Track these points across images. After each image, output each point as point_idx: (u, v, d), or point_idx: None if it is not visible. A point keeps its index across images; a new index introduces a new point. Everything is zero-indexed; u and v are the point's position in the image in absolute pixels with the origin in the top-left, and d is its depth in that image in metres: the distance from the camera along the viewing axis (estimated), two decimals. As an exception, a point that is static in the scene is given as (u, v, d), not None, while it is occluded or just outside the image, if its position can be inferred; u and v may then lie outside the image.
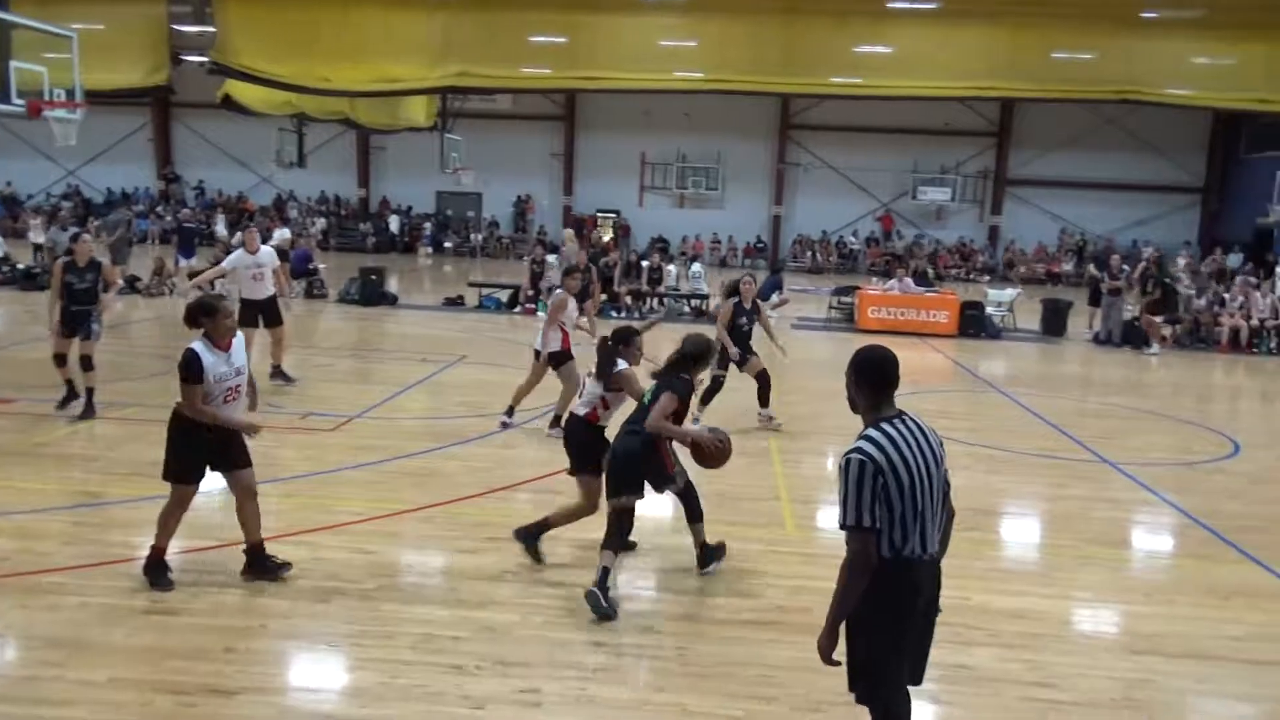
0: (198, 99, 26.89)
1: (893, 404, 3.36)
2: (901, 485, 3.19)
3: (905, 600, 3.29)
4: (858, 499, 3.17)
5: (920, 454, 3.27)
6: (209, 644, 4.83)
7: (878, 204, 35.83)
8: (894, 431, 3.26)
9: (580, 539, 6.46)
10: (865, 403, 3.38)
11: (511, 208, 36.91)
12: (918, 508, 3.23)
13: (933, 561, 3.37)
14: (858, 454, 3.20)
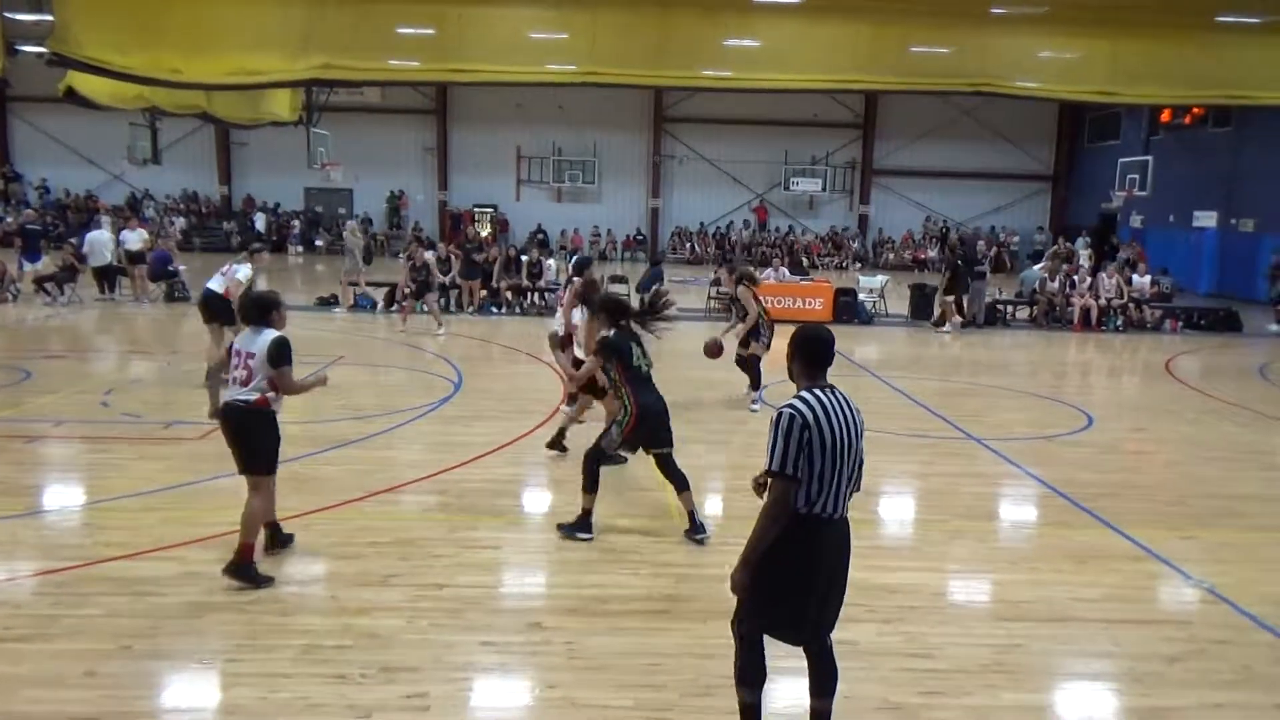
0: (38, 92, 25.25)
1: (825, 377, 3.74)
2: (824, 444, 3.53)
3: (810, 552, 3.60)
4: (784, 449, 3.50)
5: (844, 422, 3.63)
6: (67, 670, 4.54)
7: (752, 195, 36.53)
8: (824, 397, 3.63)
9: (465, 537, 6.37)
10: (800, 372, 3.75)
11: (385, 204, 36.01)
12: (835, 469, 3.57)
13: (841, 521, 3.69)
14: (790, 409, 3.56)
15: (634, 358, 6.42)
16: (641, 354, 6.50)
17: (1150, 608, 5.75)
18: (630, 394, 6.35)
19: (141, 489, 7.28)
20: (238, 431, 5.65)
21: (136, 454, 8.29)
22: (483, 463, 8.21)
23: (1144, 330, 18.98)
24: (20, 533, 6.44)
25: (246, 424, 5.62)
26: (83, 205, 34.13)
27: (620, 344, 6.42)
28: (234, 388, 5.64)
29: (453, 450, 8.50)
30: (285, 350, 5.60)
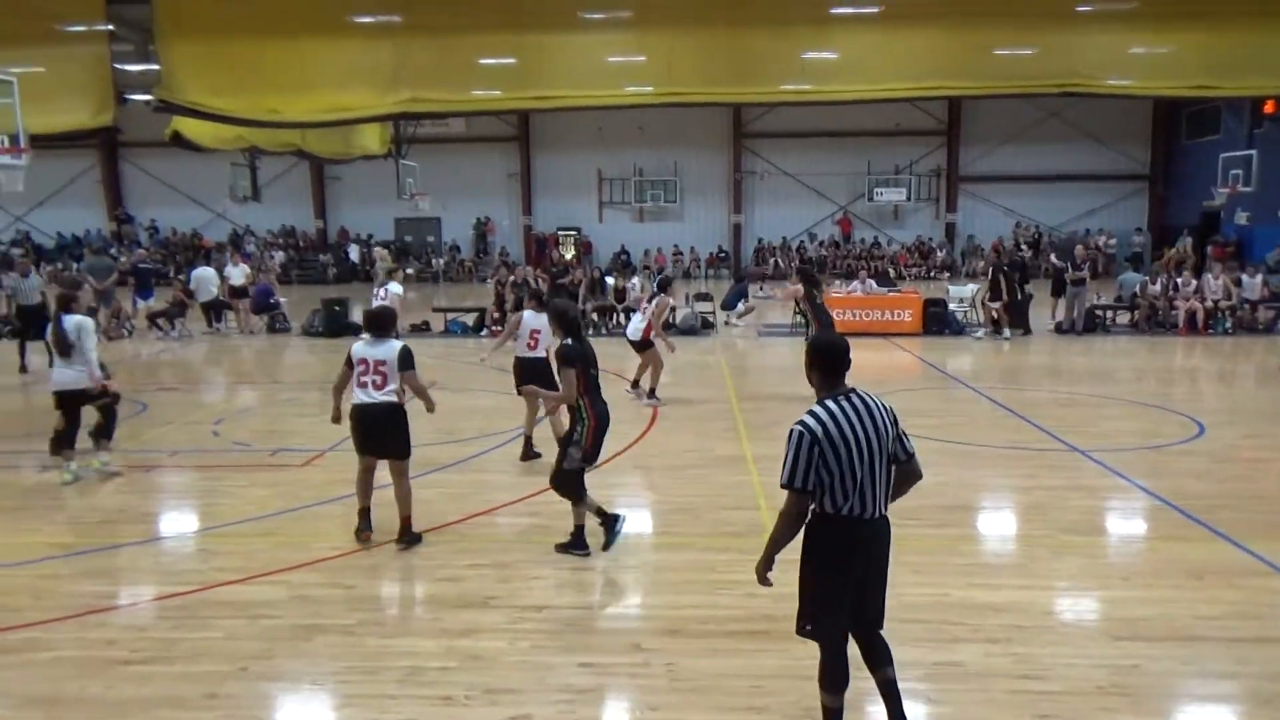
0: (146, 138, 26.54)
1: (842, 383, 3.87)
2: (839, 454, 3.70)
3: (843, 552, 3.82)
4: (794, 463, 3.70)
5: (862, 426, 3.76)
6: (189, 692, 4.73)
7: (835, 207, 36.17)
8: (836, 408, 3.77)
9: (562, 559, 6.44)
10: (818, 381, 3.89)
11: (471, 230, 36.80)
12: (856, 474, 3.73)
13: (875, 519, 3.83)
14: (800, 425, 3.73)
15: (594, 366, 6.45)
16: (593, 363, 6.49)
17: (1277, 625, 5.46)
18: (587, 404, 6.34)
19: (252, 515, 7.56)
20: (384, 425, 6.56)
21: (246, 481, 8.62)
22: (576, 484, 8.27)
23: (1255, 333, 18.11)
24: (141, 559, 6.76)
25: (392, 419, 6.57)
26: (189, 243, 35.77)
27: (585, 352, 6.38)
28: (369, 390, 6.50)
29: (545, 473, 8.55)
30: (412, 355, 6.65)
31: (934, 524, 7.05)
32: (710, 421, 10.77)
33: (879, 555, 3.92)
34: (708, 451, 9.38)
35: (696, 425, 10.58)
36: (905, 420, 4.14)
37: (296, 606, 5.73)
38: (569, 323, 6.42)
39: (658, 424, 10.65)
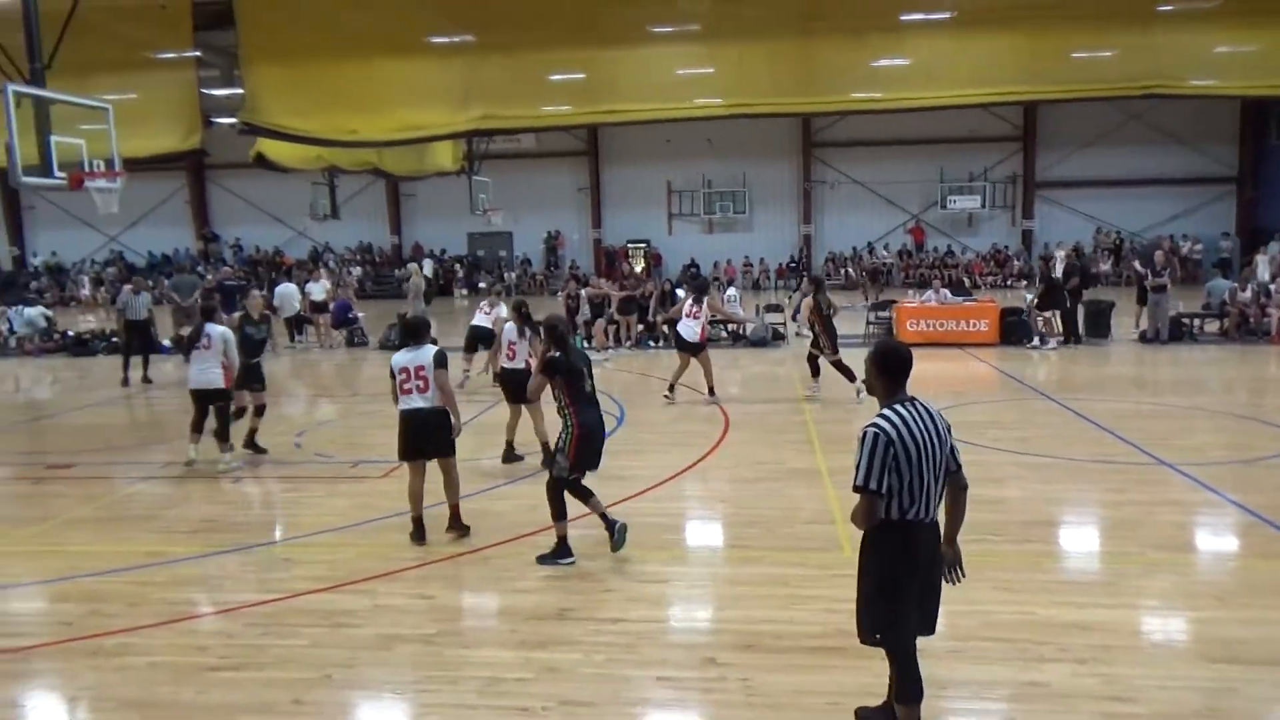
0: (231, 159, 27.48)
1: (905, 390, 3.93)
2: (910, 457, 3.75)
3: (909, 556, 3.86)
4: (869, 465, 3.73)
5: (926, 432, 3.83)
6: (276, 698, 4.86)
7: (907, 216, 35.66)
8: (905, 412, 3.83)
9: (636, 571, 6.45)
10: (882, 388, 3.95)
11: (542, 244, 37.22)
12: (923, 478, 3.79)
13: (933, 525, 3.94)
14: (874, 427, 3.77)
15: (582, 379, 6.63)
16: (588, 375, 6.68)
17: (1386, 649, 5.20)
18: (573, 414, 6.54)
19: (333, 525, 7.75)
20: (431, 427, 7.04)
21: (327, 491, 8.84)
22: (648, 496, 8.31)
23: (1356, 340, 17.29)
24: (229, 566, 6.97)
25: (438, 420, 7.06)
26: (271, 261, 36.89)
27: (570, 364, 6.58)
28: (414, 396, 7.02)
29: (618, 484, 8.62)
30: (446, 357, 7.21)
31: (1016, 540, 6.89)
32: (783, 434, 10.69)
33: (936, 558, 4.00)
34: (781, 464, 9.31)
35: (769, 437, 10.52)
36: (984, 433, 4.18)
37: (378, 616, 5.85)
38: (556, 336, 6.68)
39: (729, 435, 10.62)
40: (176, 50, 16.46)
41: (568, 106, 18.55)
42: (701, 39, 17.56)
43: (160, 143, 17.10)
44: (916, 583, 3.90)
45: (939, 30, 16.89)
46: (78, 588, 6.51)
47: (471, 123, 18.10)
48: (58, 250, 38.18)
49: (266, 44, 16.38)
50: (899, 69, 17.18)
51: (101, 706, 4.87)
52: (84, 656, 5.41)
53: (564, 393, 6.56)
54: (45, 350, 20.55)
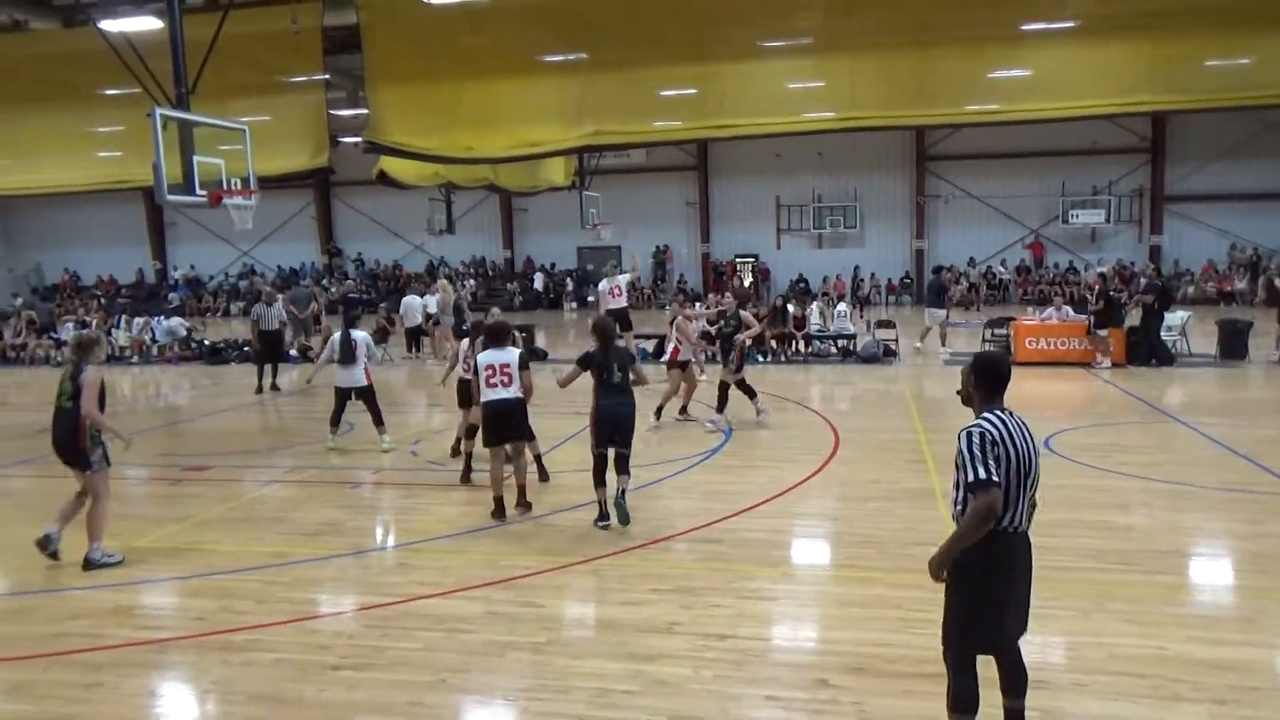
0: (355, 177, 28.58)
1: (1002, 401, 3.94)
2: (1010, 460, 3.76)
3: (1002, 564, 3.85)
4: (982, 459, 3.72)
5: (1025, 442, 3.85)
6: (394, 699, 5.01)
7: (1026, 230, 34.49)
8: (1004, 417, 3.88)
9: (744, 588, 6.41)
10: (979, 399, 3.96)
11: (650, 258, 37.44)
12: (1020, 485, 3.79)
13: (1024, 533, 3.91)
14: (976, 427, 3.81)
15: (609, 371, 7.74)
16: (619, 369, 7.79)
17: None
18: (595, 398, 7.77)
19: (446, 532, 7.96)
20: (513, 416, 8.00)
21: (441, 499, 9.08)
22: (757, 512, 8.25)
23: None
24: (349, 570, 7.23)
25: (519, 410, 8.05)
26: (390, 275, 38.21)
27: (595, 357, 7.78)
28: (499, 389, 7.94)
29: (727, 499, 8.61)
30: (528, 359, 8.18)
31: (1146, 570, 6.56)
32: (895, 453, 10.46)
33: (1029, 568, 3.97)
34: (893, 483, 9.11)
35: (881, 456, 10.31)
36: (1109, 456, 4.09)
37: (489, 623, 5.97)
38: (600, 332, 7.91)
39: (839, 453, 10.46)
40: (307, 74, 17.20)
41: (678, 122, 18.61)
42: (813, 52, 17.39)
43: (290, 162, 17.88)
44: (1009, 592, 3.90)
45: (1061, 39, 16.30)
46: (211, 584, 6.85)
47: (583, 139, 18.34)
48: (195, 264, 40.41)
49: (390, 66, 16.98)
50: (1018, 80, 16.64)
51: (232, 699, 5.10)
52: (215, 650, 5.69)
53: (594, 381, 7.77)
54: (183, 358, 21.76)
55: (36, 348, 22.86)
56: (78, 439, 7.13)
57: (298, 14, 15.53)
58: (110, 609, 6.46)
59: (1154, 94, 16.39)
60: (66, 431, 7.17)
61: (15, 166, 18.55)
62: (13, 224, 41.34)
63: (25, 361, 22.65)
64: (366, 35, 16.71)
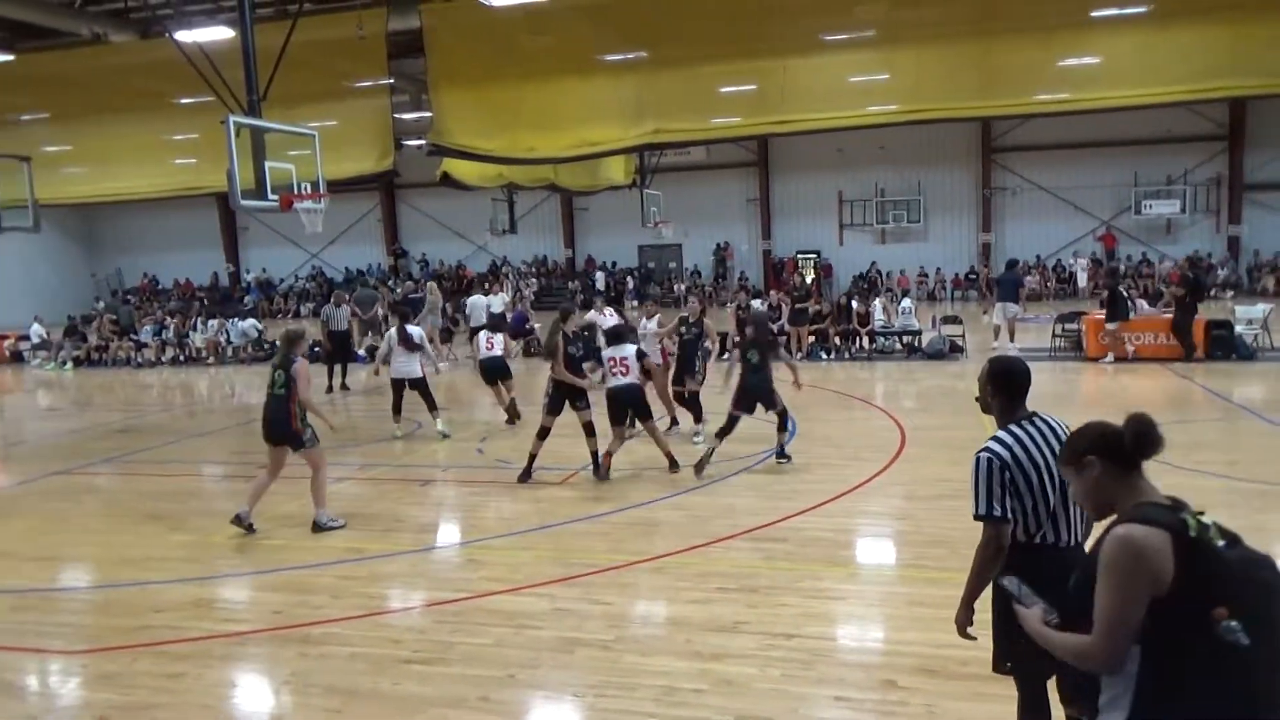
0: (419, 179, 29.01)
1: (1024, 408, 3.68)
2: (1029, 480, 3.48)
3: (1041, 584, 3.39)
4: (986, 491, 3.50)
5: (1050, 450, 3.52)
6: (465, 693, 5.10)
7: (1097, 222, 33.61)
8: (1022, 433, 3.57)
9: (811, 587, 6.38)
10: (999, 407, 3.70)
11: (711, 256, 37.37)
12: (1048, 500, 3.50)
13: (1072, 548, 3.55)
14: (985, 452, 3.54)
15: (747, 354, 9.49)
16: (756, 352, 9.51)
17: None
18: (742, 375, 9.58)
19: (514, 529, 8.06)
20: (633, 399, 9.52)
21: (508, 496, 9.19)
22: (823, 510, 8.19)
23: None
24: (420, 565, 7.37)
25: (638, 394, 9.55)
26: (453, 275, 38.74)
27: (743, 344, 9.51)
28: (619, 378, 9.43)
29: (791, 498, 8.57)
30: (644, 352, 9.77)
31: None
32: (963, 450, 10.17)
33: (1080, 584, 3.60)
34: (962, 482, 8.80)
35: (948, 454, 10.14)
36: (1188, 455, 3.88)
37: (558, 619, 6.04)
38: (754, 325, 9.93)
39: (906, 451, 10.33)
40: (373, 79, 17.54)
41: (738, 118, 18.54)
42: (876, 45, 17.18)
43: (357, 165, 18.24)
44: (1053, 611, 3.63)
45: (1133, 24, 15.84)
46: (286, 579, 7.04)
47: (644, 137, 18.39)
48: (267, 267, 41.47)
49: (453, 69, 17.22)
50: (1088, 68, 16.22)
51: (309, 691, 5.24)
52: (293, 644, 5.85)
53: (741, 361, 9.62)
54: (256, 359, 22.35)
55: (118, 349, 23.69)
56: (290, 423, 8.05)
57: (363, 20, 15.85)
58: (191, 602, 6.68)
59: (1233, 79, 15.85)
60: (280, 416, 8.07)
61: (97, 175, 19.25)
62: (95, 230, 42.86)
63: (107, 363, 23.50)
64: (429, 39, 16.98)
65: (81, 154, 18.81)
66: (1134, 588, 2.36)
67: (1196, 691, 2.30)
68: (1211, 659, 2.27)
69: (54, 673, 5.74)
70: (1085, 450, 2.75)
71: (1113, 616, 2.39)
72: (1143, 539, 2.39)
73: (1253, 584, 2.33)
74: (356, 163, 18.18)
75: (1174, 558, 2.33)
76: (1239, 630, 2.25)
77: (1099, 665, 2.47)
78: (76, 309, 30.99)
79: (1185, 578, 2.31)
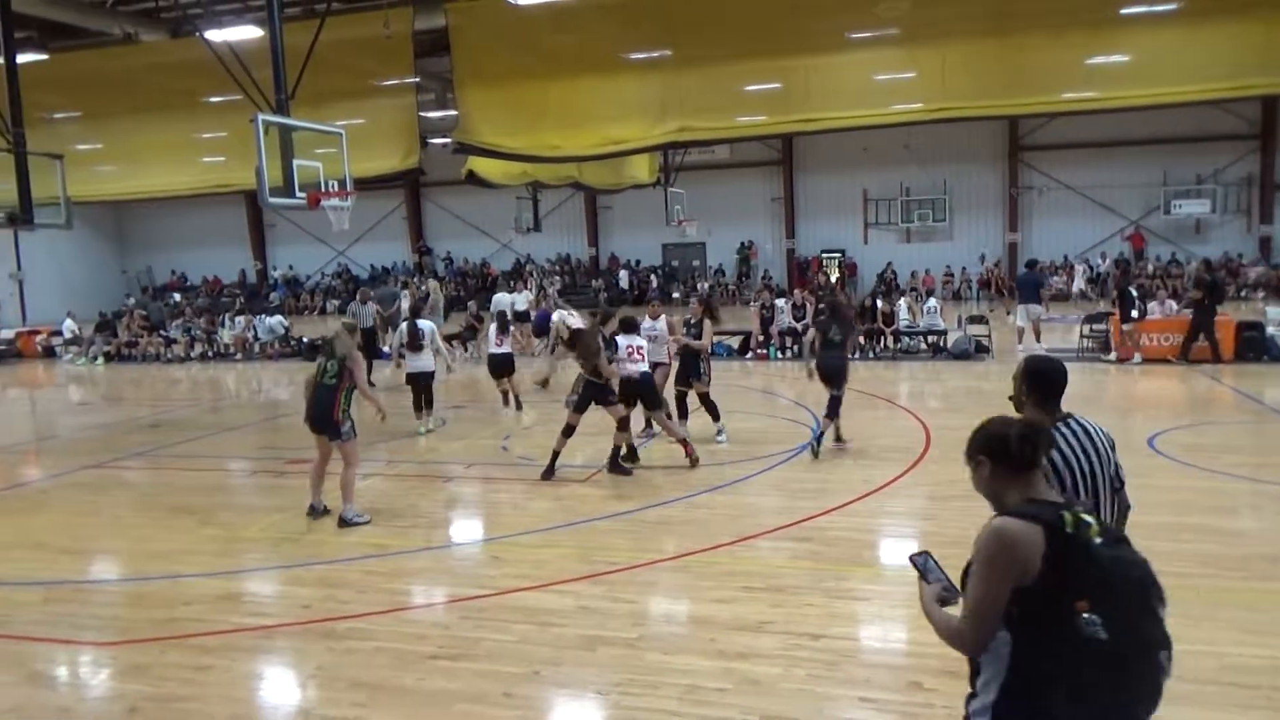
0: (444, 177, 29.13)
1: (1059, 408, 3.63)
2: (1064, 481, 3.41)
3: None
4: None
5: (1085, 453, 3.51)
6: (489, 689, 5.12)
7: (1125, 222, 33.25)
8: (1057, 435, 3.48)
9: (835, 587, 6.37)
10: (1032, 405, 3.64)
11: (735, 255, 37.30)
12: (1082, 500, 3.42)
13: None
14: None
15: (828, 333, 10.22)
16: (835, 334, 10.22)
17: None
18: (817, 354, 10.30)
19: (537, 526, 8.08)
20: (647, 389, 9.95)
21: (532, 494, 9.22)
22: (848, 510, 8.17)
23: None
24: (445, 561, 7.42)
25: (650, 385, 10.02)
26: (477, 273, 38.90)
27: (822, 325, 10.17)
28: (631, 365, 9.80)
29: (815, 497, 8.54)
30: None
31: (1260, 576, 6.29)
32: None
33: None
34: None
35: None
36: (1218, 458, 3.82)
37: (581, 617, 6.05)
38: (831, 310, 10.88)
39: (930, 452, 10.27)
40: (399, 77, 17.63)
41: (763, 116, 18.49)
42: (901, 43, 17.06)
43: (383, 163, 18.35)
44: None
45: (1163, 22, 15.66)
46: (313, 574, 7.10)
47: (668, 135, 18.38)
48: (294, 264, 41.82)
49: (478, 68, 17.29)
50: (1116, 66, 16.04)
51: (335, 685, 5.28)
52: (319, 638, 5.90)
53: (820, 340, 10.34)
54: (283, 354, 22.56)
55: (148, 345, 23.98)
56: (333, 412, 8.27)
57: (390, 19, 15.93)
58: (220, 595, 6.75)
59: (1265, 77, 15.62)
60: (325, 405, 8.31)
61: (128, 172, 19.49)
62: (126, 227, 43.40)
63: (137, 359, 23.79)
64: (455, 37, 17.05)
65: (113, 152, 19.04)
66: (1001, 577, 2.49)
67: (1057, 678, 2.43)
68: (1072, 648, 2.39)
69: (85, 664, 5.83)
70: (976, 451, 2.88)
71: (979, 602, 2.53)
72: (1015, 531, 2.53)
73: (1122, 582, 2.45)
74: (383, 161, 18.28)
75: (1044, 550, 2.46)
76: (1098, 624, 2.37)
77: (966, 646, 2.61)
78: (107, 305, 31.43)
79: (1053, 570, 2.44)
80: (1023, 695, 2.51)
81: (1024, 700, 2.50)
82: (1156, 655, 2.50)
